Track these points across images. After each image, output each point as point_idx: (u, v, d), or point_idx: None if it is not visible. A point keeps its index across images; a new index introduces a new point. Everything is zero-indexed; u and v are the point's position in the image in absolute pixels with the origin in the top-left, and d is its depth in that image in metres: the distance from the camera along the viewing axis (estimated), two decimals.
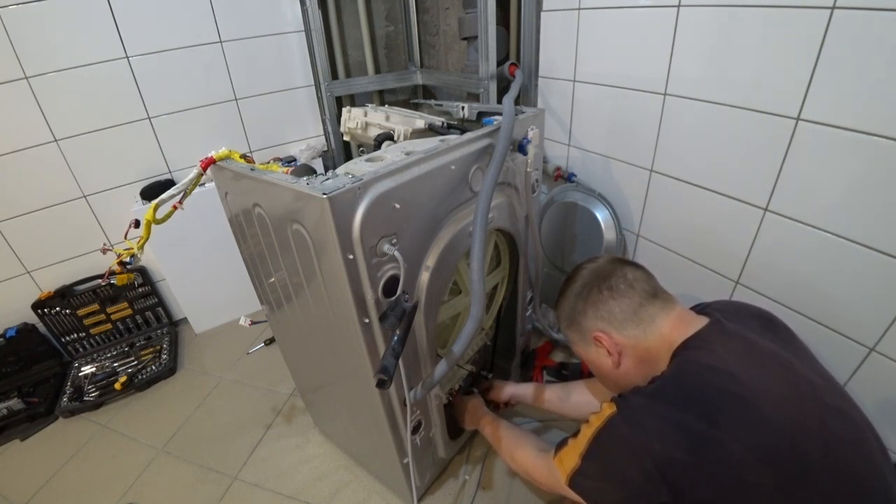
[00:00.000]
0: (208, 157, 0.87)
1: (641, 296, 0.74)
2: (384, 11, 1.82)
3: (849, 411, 0.62)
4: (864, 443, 0.59)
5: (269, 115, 1.80)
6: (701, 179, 1.09)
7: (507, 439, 0.99)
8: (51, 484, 1.30)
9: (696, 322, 0.73)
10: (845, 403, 0.63)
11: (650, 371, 0.73)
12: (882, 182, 0.79)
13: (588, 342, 0.79)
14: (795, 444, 0.56)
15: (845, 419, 0.60)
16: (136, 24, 1.46)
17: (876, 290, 0.85)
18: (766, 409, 0.58)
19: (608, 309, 0.75)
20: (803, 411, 0.59)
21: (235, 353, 1.72)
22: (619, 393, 0.70)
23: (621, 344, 0.75)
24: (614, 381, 0.81)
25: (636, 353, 0.75)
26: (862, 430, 0.61)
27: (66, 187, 1.54)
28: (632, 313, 0.74)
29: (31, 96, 1.39)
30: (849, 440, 0.58)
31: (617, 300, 0.75)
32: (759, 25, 0.88)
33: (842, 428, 0.59)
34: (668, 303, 0.75)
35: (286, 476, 1.25)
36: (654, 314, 0.73)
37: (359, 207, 0.66)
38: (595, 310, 0.77)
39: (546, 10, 1.33)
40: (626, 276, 0.76)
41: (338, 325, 0.81)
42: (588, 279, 0.79)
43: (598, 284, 0.77)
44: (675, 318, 0.73)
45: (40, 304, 1.59)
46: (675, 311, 0.75)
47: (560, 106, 1.40)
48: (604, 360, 0.78)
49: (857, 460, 0.57)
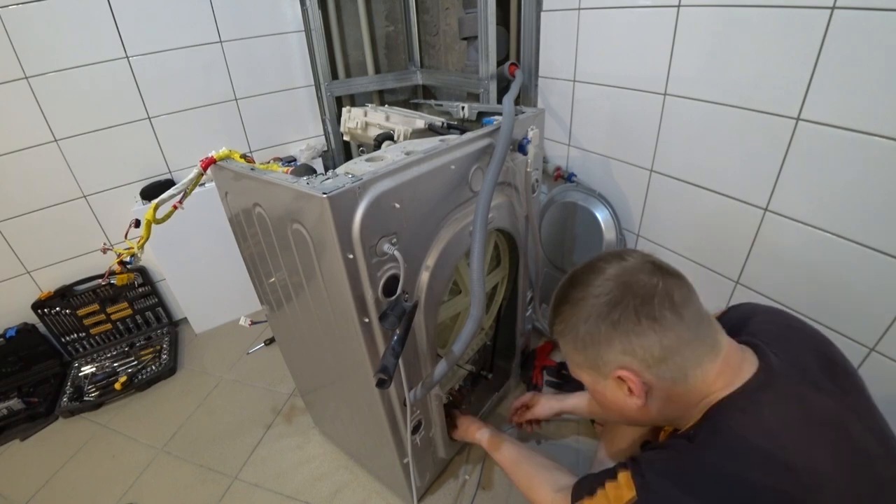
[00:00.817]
0: (208, 156, 0.87)
1: (690, 330, 0.57)
2: (384, 11, 1.82)
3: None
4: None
5: (269, 115, 1.80)
6: (701, 179, 1.09)
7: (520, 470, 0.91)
8: (51, 484, 1.30)
9: (745, 367, 0.59)
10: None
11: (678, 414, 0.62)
12: (882, 182, 0.79)
13: (604, 375, 0.62)
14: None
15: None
16: (136, 24, 1.46)
17: (876, 290, 0.85)
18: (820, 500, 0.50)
19: (645, 345, 0.57)
20: (857, 497, 0.51)
21: (235, 353, 1.72)
22: (637, 461, 0.59)
23: (651, 385, 0.59)
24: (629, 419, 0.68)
25: (667, 396, 0.60)
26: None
27: (66, 187, 1.54)
28: (675, 352, 0.57)
29: (31, 96, 1.39)
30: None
31: (658, 334, 0.56)
32: (759, 25, 0.88)
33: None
34: (716, 338, 0.60)
35: (286, 476, 1.25)
36: (701, 356, 0.58)
37: (359, 207, 0.66)
38: (627, 342, 0.58)
39: (546, 10, 1.33)
40: (671, 299, 0.57)
41: (338, 325, 0.81)
42: (618, 297, 0.58)
43: (636, 309, 0.57)
44: (723, 361, 0.59)
45: (40, 304, 1.59)
46: (724, 350, 0.59)
47: (560, 106, 1.41)
48: (621, 399, 0.62)
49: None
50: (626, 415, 0.65)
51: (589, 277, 0.62)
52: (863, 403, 0.60)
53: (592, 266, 0.64)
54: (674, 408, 0.61)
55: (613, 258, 0.63)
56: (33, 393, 1.57)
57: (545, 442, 1.28)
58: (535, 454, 0.95)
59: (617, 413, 0.66)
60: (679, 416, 0.63)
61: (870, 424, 0.57)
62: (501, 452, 1.00)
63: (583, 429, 1.30)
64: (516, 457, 0.96)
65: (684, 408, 0.61)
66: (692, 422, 0.60)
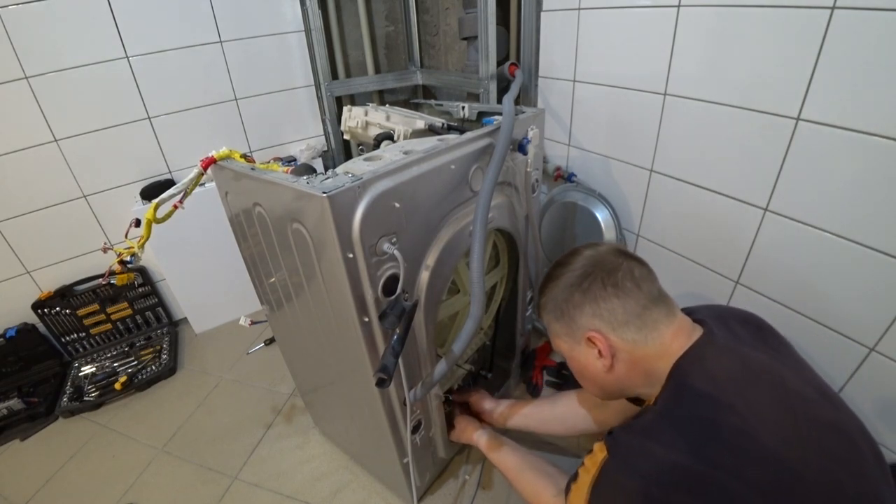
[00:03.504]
0: (209, 156, 0.87)
1: (647, 297, 0.68)
2: (384, 11, 1.82)
3: (842, 422, 0.60)
4: (859, 458, 0.58)
5: (269, 115, 1.80)
6: (701, 179, 1.09)
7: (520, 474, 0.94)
8: (51, 484, 1.30)
9: (693, 332, 0.69)
10: (838, 413, 0.61)
11: (643, 380, 0.70)
12: (882, 182, 0.79)
13: (578, 340, 0.72)
14: (793, 474, 0.55)
15: (840, 435, 0.59)
16: (136, 24, 1.46)
17: (876, 290, 0.85)
18: (764, 439, 0.56)
19: (610, 308, 0.68)
20: (799, 435, 0.57)
21: (235, 353, 1.72)
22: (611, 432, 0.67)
23: (616, 347, 0.69)
24: (601, 386, 0.76)
25: (631, 359, 0.69)
26: (856, 444, 0.59)
27: (66, 187, 1.54)
28: (635, 316, 0.68)
29: (31, 96, 1.39)
30: (844, 458, 0.57)
31: (621, 299, 0.68)
32: (759, 25, 0.88)
33: (837, 446, 0.57)
34: (671, 308, 0.70)
35: (286, 476, 1.25)
36: (657, 319, 0.68)
37: (359, 206, 0.66)
38: (595, 306, 0.69)
39: (546, 10, 1.33)
40: (632, 273, 0.69)
41: (338, 325, 0.81)
42: (589, 269, 0.71)
43: (602, 278, 0.69)
44: (677, 326, 0.69)
45: (40, 304, 1.59)
46: (678, 318, 0.70)
47: (560, 106, 1.41)
48: (593, 361, 0.72)
49: (852, 476, 0.56)
50: (597, 380, 0.74)
51: (568, 259, 0.76)
52: (796, 361, 0.70)
53: (572, 251, 0.77)
54: (637, 372, 0.70)
55: (590, 245, 0.77)
56: (33, 393, 1.57)
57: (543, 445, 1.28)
58: (534, 457, 0.96)
59: (590, 379, 0.76)
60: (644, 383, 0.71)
61: (805, 377, 0.66)
62: (500, 455, 1.00)
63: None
64: (516, 460, 0.97)
65: (647, 372, 0.69)
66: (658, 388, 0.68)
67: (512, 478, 0.97)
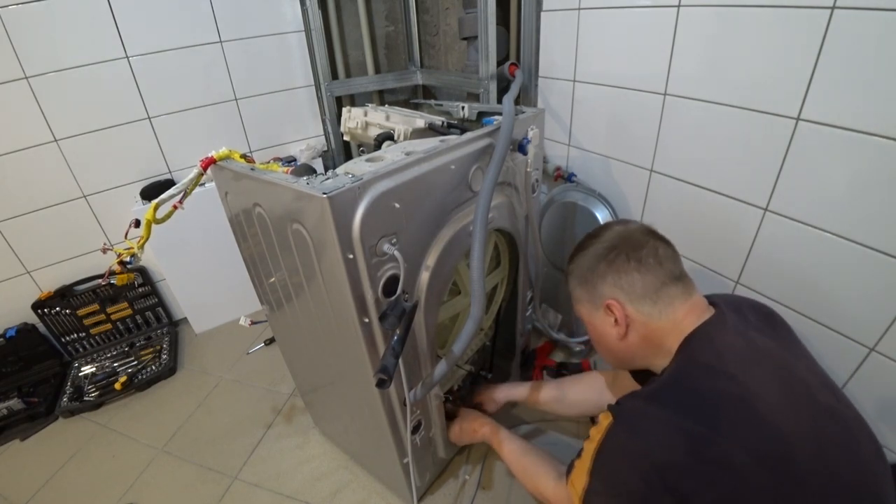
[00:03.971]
0: (208, 156, 0.87)
1: (667, 275, 0.72)
2: (384, 11, 1.82)
3: (841, 411, 0.62)
4: (855, 443, 0.59)
5: (269, 115, 1.80)
6: (701, 179, 1.09)
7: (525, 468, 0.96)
8: (51, 484, 1.30)
9: (706, 312, 0.72)
10: (838, 403, 0.63)
11: (653, 352, 0.73)
12: (882, 182, 0.79)
13: (597, 306, 0.76)
14: (791, 447, 0.56)
15: (837, 420, 0.60)
16: (136, 24, 1.46)
17: (876, 290, 0.85)
18: (763, 411, 0.58)
19: (630, 281, 0.72)
20: (797, 413, 0.59)
21: (235, 353, 1.72)
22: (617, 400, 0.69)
23: (632, 318, 0.73)
24: (614, 353, 0.79)
25: (645, 331, 0.73)
26: (853, 430, 0.60)
27: (66, 187, 1.54)
28: (653, 291, 0.71)
29: (31, 96, 1.39)
30: (840, 441, 0.58)
31: (642, 274, 0.71)
32: (759, 25, 0.88)
33: (833, 429, 0.59)
34: (688, 288, 0.73)
35: (286, 476, 1.25)
36: (673, 297, 0.71)
37: (359, 207, 0.66)
38: (616, 277, 0.73)
39: (546, 10, 1.33)
40: (656, 252, 0.73)
41: (338, 325, 0.81)
42: (616, 243, 0.75)
43: (627, 253, 0.73)
44: (691, 305, 0.72)
45: (40, 304, 1.59)
46: (693, 298, 0.73)
47: (560, 106, 1.41)
48: (609, 328, 0.75)
49: (849, 462, 0.57)
50: (611, 346, 0.78)
51: (600, 231, 0.80)
52: (804, 354, 0.71)
53: (605, 225, 0.82)
54: (649, 344, 0.73)
55: (621, 221, 0.83)
56: (33, 393, 1.57)
57: (546, 440, 1.28)
58: (538, 448, 0.99)
59: (604, 345, 0.80)
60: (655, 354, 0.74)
61: (811, 368, 0.68)
62: (505, 446, 1.03)
63: (583, 429, 1.30)
64: (520, 450, 1.00)
65: (658, 344, 0.72)
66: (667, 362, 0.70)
67: (513, 465, 1.00)
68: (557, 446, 1.26)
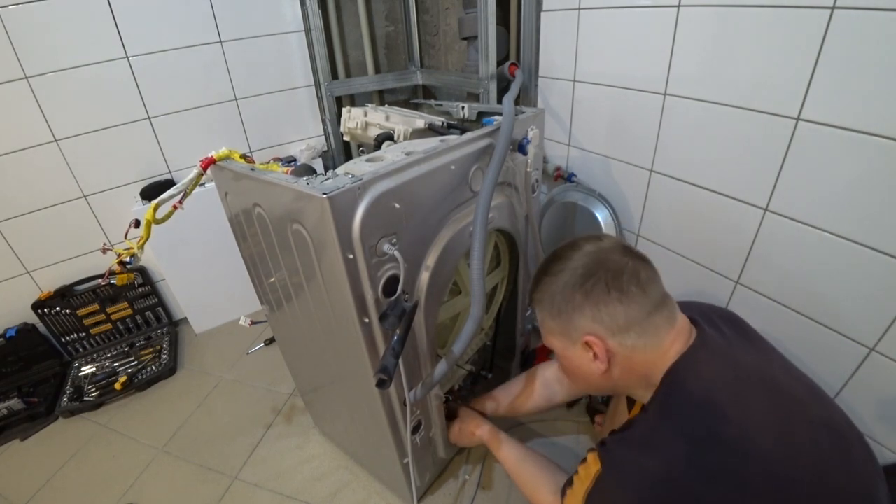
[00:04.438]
0: (208, 156, 0.87)
1: (651, 303, 0.65)
2: (384, 11, 1.82)
3: (834, 421, 0.60)
4: (850, 455, 0.58)
5: (269, 115, 1.80)
6: (701, 179, 1.09)
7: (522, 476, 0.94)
8: (51, 484, 1.30)
9: (689, 335, 0.68)
10: (828, 411, 0.62)
11: (637, 383, 0.69)
12: (882, 182, 0.79)
13: (573, 340, 0.69)
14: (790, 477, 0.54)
15: (831, 432, 0.59)
16: (136, 24, 1.46)
17: (876, 290, 0.85)
18: (760, 444, 0.56)
19: (611, 313, 0.64)
20: (793, 436, 0.57)
21: (235, 353, 1.72)
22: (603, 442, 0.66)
23: (614, 352, 0.66)
24: (593, 386, 0.75)
25: (628, 364, 0.67)
26: (848, 440, 0.59)
27: (66, 187, 1.54)
28: (636, 322, 0.64)
29: (31, 96, 1.39)
30: (837, 457, 0.57)
31: (625, 305, 0.64)
32: (759, 25, 0.88)
33: (829, 444, 0.58)
34: (672, 312, 0.68)
35: (286, 476, 1.25)
36: (658, 326, 0.65)
37: (359, 207, 0.66)
38: (596, 310, 0.65)
39: (546, 10, 1.33)
40: (638, 277, 0.65)
41: (338, 325, 0.81)
42: (592, 268, 0.66)
43: (607, 281, 0.65)
44: (676, 332, 0.67)
45: (40, 304, 1.59)
46: (677, 324, 0.67)
47: (560, 106, 1.41)
48: (587, 363, 0.69)
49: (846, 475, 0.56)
50: (590, 381, 0.72)
51: (568, 252, 0.70)
52: (779, 358, 0.70)
53: (572, 244, 0.72)
54: (633, 375, 0.68)
55: (592, 238, 0.71)
56: (33, 393, 1.57)
57: (545, 441, 1.28)
58: (536, 455, 0.97)
59: (581, 379, 0.74)
60: (638, 385, 0.70)
61: (793, 373, 0.66)
62: (503, 451, 1.01)
63: (583, 428, 1.30)
64: (518, 456, 0.98)
65: (643, 375, 0.67)
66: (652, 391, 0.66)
67: (511, 470, 0.98)
68: (556, 447, 1.26)
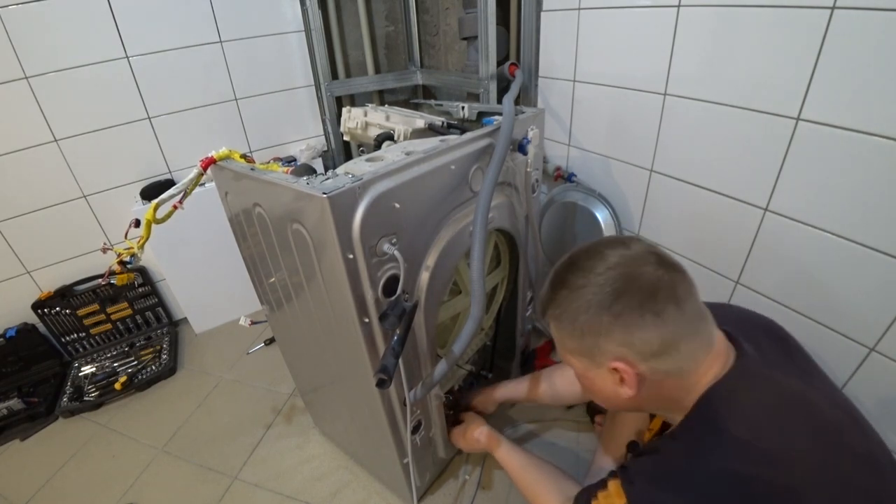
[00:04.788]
0: (208, 156, 0.87)
1: (688, 323, 0.57)
2: (384, 11, 1.82)
3: (876, 456, 0.56)
4: (890, 491, 0.54)
5: (269, 115, 1.80)
6: (701, 179, 1.09)
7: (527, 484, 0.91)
8: (51, 484, 1.30)
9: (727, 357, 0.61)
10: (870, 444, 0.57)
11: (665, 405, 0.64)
12: (882, 182, 0.79)
13: (598, 364, 0.61)
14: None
15: (873, 468, 0.54)
16: (136, 24, 1.46)
17: (876, 290, 0.85)
18: (800, 488, 0.51)
19: (645, 338, 0.56)
20: (834, 473, 0.53)
21: (235, 353, 1.72)
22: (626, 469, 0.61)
23: (644, 376, 0.59)
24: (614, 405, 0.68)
25: (659, 389, 0.60)
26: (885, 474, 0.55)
27: (66, 187, 1.54)
28: (672, 346, 0.56)
29: (31, 96, 1.39)
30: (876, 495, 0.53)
31: (660, 328, 0.56)
32: (759, 25, 0.88)
33: (870, 481, 0.53)
34: (711, 333, 0.60)
35: (286, 476, 1.25)
36: (696, 350, 0.58)
37: (359, 207, 0.66)
38: (627, 334, 0.57)
39: (546, 10, 1.33)
40: (675, 294, 0.56)
41: (338, 325, 0.81)
42: (622, 287, 0.57)
43: (641, 302, 0.56)
44: (714, 354, 0.60)
45: (40, 304, 1.59)
46: (716, 345, 0.60)
47: (560, 106, 1.41)
48: (610, 388, 0.62)
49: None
50: (613, 402, 0.66)
51: (591, 263, 0.60)
52: (824, 381, 0.64)
53: (595, 251, 0.61)
54: (663, 398, 0.62)
55: (616, 244, 0.61)
56: (33, 393, 1.57)
57: (544, 442, 1.28)
58: (541, 461, 0.94)
59: (603, 399, 0.68)
60: (667, 408, 0.64)
61: (836, 400, 0.60)
62: (508, 457, 0.99)
63: (583, 428, 1.30)
64: (522, 463, 0.95)
65: (674, 399, 0.62)
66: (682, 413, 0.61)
67: (516, 477, 0.95)
68: (555, 447, 1.27)
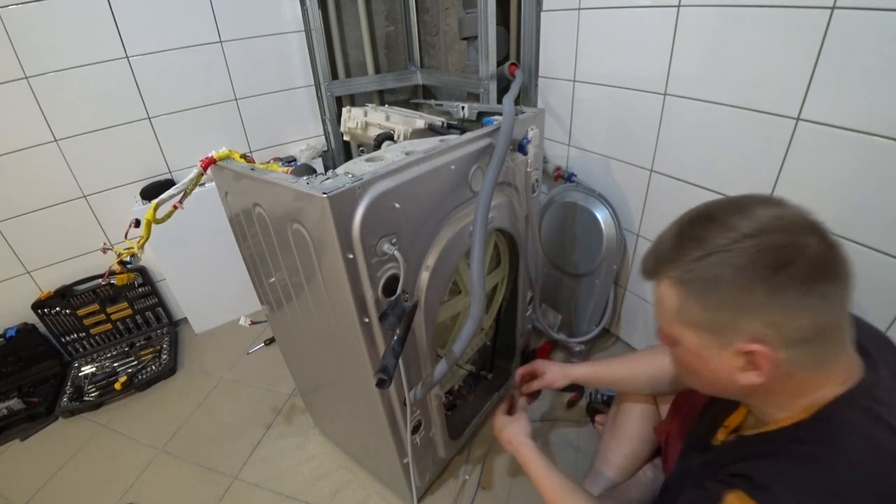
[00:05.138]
0: (208, 156, 0.87)
1: (845, 313, 0.49)
2: (384, 11, 1.82)
3: None
4: None
5: (269, 115, 1.80)
6: (701, 179, 1.09)
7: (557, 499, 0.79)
8: (51, 484, 1.30)
9: (856, 368, 0.53)
10: None
11: (775, 401, 0.54)
12: (882, 182, 0.79)
13: (723, 344, 0.51)
14: None
15: None
16: (136, 24, 1.46)
17: (876, 290, 0.85)
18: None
19: (800, 322, 0.47)
20: None
21: (235, 353, 1.72)
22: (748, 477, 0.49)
23: (778, 365, 0.49)
24: (718, 391, 0.58)
25: (782, 382, 0.51)
26: None
27: (66, 187, 1.54)
28: (822, 336, 0.48)
29: (31, 96, 1.39)
30: None
31: (821, 314, 0.47)
32: (759, 25, 0.88)
33: None
34: (852, 331, 0.52)
35: (286, 476, 1.25)
36: (840, 344, 0.50)
37: (359, 207, 0.66)
38: (780, 314, 0.47)
39: (546, 10, 1.33)
40: (842, 276, 0.48)
41: (338, 325, 0.81)
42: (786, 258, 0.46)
43: (808, 280, 0.46)
44: (849, 358, 0.52)
45: (40, 304, 1.59)
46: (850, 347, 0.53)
47: (560, 106, 1.41)
48: (727, 372, 0.52)
49: None
50: (718, 389, 0.56)
51: (736, 220, 0.49)
52: None
53: (740, 206, 0.50)
54: (777, 393, 0.52)
55: (766, 203, 0.50)
56: (33, 393, 1.56)
57: (544, 442, 1.28)
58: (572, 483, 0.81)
59: (706, 384, 0.57)
60: (771, 403, 0.54)
61: None
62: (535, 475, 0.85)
63: (583, 427, 1.30)
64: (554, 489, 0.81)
65: (787, 397, 0.52)
66: (790, 415, 0.53)
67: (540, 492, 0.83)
68: (558, 446, 1.27)
